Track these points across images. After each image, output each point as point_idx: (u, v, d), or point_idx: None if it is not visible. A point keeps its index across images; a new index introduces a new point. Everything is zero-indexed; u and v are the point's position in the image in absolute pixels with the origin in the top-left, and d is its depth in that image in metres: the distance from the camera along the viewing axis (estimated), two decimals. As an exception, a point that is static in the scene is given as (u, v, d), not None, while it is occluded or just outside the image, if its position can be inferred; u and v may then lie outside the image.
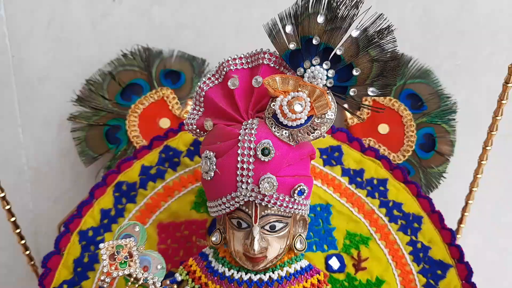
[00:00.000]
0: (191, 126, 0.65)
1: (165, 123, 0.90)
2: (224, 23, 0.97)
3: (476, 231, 0.97)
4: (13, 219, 0.83)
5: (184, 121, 0.66)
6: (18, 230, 0.85)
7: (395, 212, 0.82)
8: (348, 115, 0.91)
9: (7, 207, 0.82)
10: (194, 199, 0.83)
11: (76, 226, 0.80)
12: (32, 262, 0.89)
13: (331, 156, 0.84)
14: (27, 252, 0.87)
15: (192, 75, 0.93)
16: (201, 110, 0.65)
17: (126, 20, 0.96)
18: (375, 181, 0.83)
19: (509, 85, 0.75)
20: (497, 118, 0.79)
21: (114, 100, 0.92)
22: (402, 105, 0.90)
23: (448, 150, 0.90)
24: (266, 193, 0.59)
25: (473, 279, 0.78)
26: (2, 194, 0.81)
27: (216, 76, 0.65)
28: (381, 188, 0.83)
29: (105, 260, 0.60)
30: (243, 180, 0.59)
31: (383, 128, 0.90)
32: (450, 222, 0.82)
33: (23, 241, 0.86)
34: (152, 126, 0.90)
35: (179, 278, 0.68)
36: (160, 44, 0.96)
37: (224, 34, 0.97)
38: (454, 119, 0.91)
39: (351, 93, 0.59)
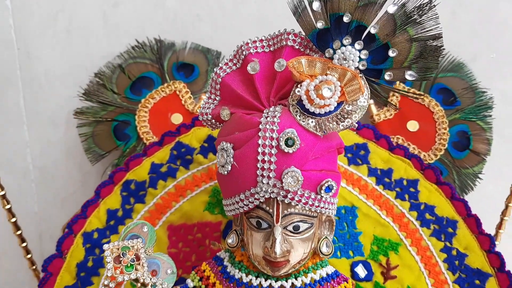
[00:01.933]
0: (206, 116, 0.59)
1: (177, 118, 0.86)
2: (243, 15, 0.92)
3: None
4: (13, 219, 0.79)
5: (199, 111, 0.60)
6: (19, 232, 0.80)
7: (427, 216, 0.76)
8: (374, 111, 0.85)
9: (7, 206, 0.77)
10: (208, 199, 0.78)
11: (80, 228, 0.75)
12: (34, 267, 0.84)
13: (357, 155, 0.78)
14: (29, 256, 0.82)
15: (207, 68, 0.88)
16: (217, 98, 0.60)
17: (139, 11, 0.93)
18: (404, 182, 0.77)
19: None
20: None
21: (123, 94, 0.88)
22: (433, 100, 0.85)
23: (484, 149, 0.85)
24: (290, 189, 0.53)
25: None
26: (2, 192, 0.76)
27: (234, 61, 0.59)
28: (412, 189, 0.77)
29: (109, 262, 0.55)
30: (264, 174, 0.53)
31: (413, 125, 0.84)
32: (488, 227, 0.76)
33: (24, 244, 0.81)
34: (164, 122, 0.85)
35: (191, 284, 0.62)
36: (174, 37, 0.92)
37: (243, 27, 0.93)
38: (490, 116, 0.86)
39: (387, 77, 0.53)
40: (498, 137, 0.85)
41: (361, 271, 0.73)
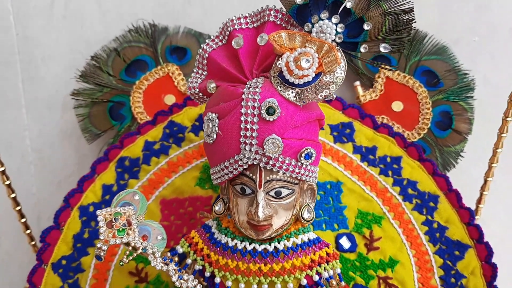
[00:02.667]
0: (193, 90, 0.62)
1: (170, 99, 0.88)
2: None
3: (496, 212, 0.92)
4: (13, 195, 0.81)
5: (187, 85, 0.63)
6: (18, 208, 0.82)
7: (410, 191, 0.78)
8: (361, 92, 0.88)
9: (7, 182, 0.80)
10: (199, 175, 0.80)
11: (77, 201, 0.78)
12: (33, 242, 0.87)
13: (342, 133, 0.81)
14: (28, 231, 0.85)
15: (199, 51, 0.90)
16: (204, 73, 0.63)
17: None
18: (388, 159, 0.80)
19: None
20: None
21: (118, 76, 0.90)
22: (417, 82, 0.87)
23: (466, 128, 0.87)
24: (271, 155, 0.56)
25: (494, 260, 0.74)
26: (2, 168, 0.78)
27: (220, 38, 0.62)
28: (395, 166, 0.79)
29: (102, 227, 0.58)
30: (247, 142, 0.56)
31: (397, 106, 0.87)
32: (468, 202, 0.78)
33: (23, 220, 0.83)
34: (157, 103, 0.88)
35: (180, 250, 0.65)
36: (166, 21, 0.94)
37: (233, 11, 0.94)
38: (472, 97, 0.88)
39: (362, 50, 0.56)
40: (479, 117, 0.87)
41: (345, 242, 0.76)
